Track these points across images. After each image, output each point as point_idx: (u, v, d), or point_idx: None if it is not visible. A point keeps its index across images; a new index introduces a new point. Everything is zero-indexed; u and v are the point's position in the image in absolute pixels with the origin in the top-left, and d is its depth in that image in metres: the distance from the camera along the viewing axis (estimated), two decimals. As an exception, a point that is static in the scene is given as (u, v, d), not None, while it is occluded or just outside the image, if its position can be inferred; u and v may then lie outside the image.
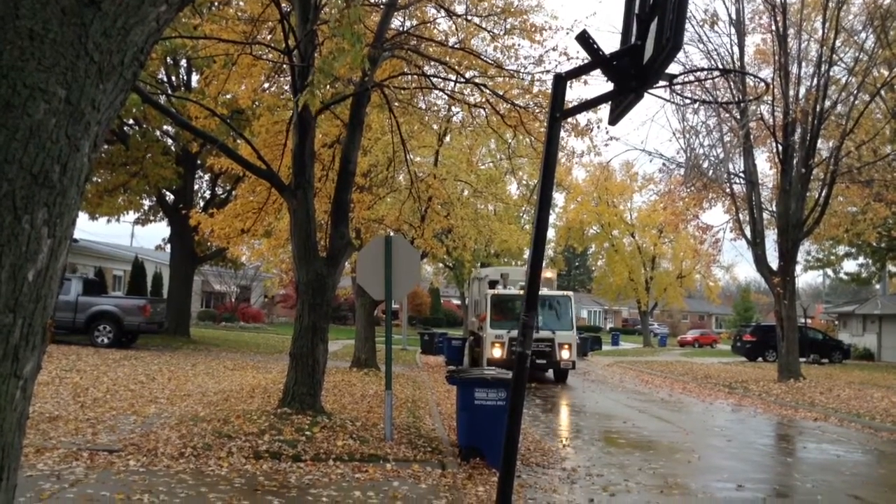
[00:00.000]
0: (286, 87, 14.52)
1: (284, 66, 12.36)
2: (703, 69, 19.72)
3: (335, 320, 48.37)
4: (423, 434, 11.08)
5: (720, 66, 22.63)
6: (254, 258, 27.19)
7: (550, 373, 23.68)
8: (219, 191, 32.11)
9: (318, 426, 10.16)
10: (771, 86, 22.21)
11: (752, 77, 21.99)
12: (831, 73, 22.97)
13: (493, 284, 23.54)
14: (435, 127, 20.38)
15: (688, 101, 17.52)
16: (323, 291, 11.30)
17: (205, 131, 12.87)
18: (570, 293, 23.60)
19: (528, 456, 10.48)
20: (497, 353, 21.28)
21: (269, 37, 13.24)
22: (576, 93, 32.95)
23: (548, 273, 24.92)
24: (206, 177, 31.75)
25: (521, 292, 20.65)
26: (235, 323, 46.92)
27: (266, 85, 15.81)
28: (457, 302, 71.44)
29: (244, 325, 46.72)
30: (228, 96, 17.14)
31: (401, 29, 13.82)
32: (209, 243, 26.77)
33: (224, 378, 17.08)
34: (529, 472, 9.45)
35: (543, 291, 21.67)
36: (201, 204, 29.99)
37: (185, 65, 27.59)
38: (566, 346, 21.82)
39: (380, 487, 7.85)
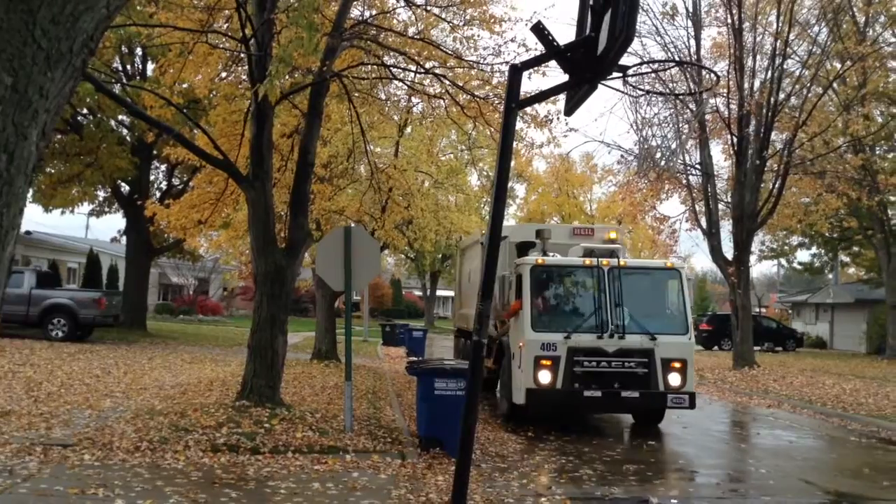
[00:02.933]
0: (244, 77, 14.35)
1: (242, 55, 12.21)
2: (655, 61, 19.95)
3: (296, 312, 48.01)
4: (384, 425, 11.10)
5: (677, 59, 22.92)
6: (212, 250, 26.92)
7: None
8: (175, 181, 31.60)
9: (277, 418, 10.12)
10: (721, 78, 22.53)
11: (703, 69, 22.28)
12: (785, 66, 23.41)
13: (524, 248, 14.17)
14: (395, 118, 20.31)
15: (641, 92, 17.66)
16: (282, 283, 11.23)
17: (160, 121, 12.67)
18: (681, 264, 13.89)
19: (488, 445, 10.55)
20: (545, 377, 11.70)
21: (225, 25, 13.06)
22: (535, 84, 33.11)
23: (611, 234, 14.41)
24: (163, 167, 31.22)
25: (588, 262, 12.44)
26: (194, 316, 46.33)
27: (223, 74, 15.62)
28: (418, 293, 71.47)
29: (203, 318, 46.16)
30: (185, 85, 16.86)
31: (360, 18, 13.74)
32: (166, 235, 26.41)
33: (181, 371, 16.89)
34: (488, 462, 9.52)
35: (630, 261, 13.50)
36: (157, 195, 29.49)
37: (141, 53, 27.08)
38: (676, 366, 11.96)
39: (339, 478, 7.85)
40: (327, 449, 9.11)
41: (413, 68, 13.69)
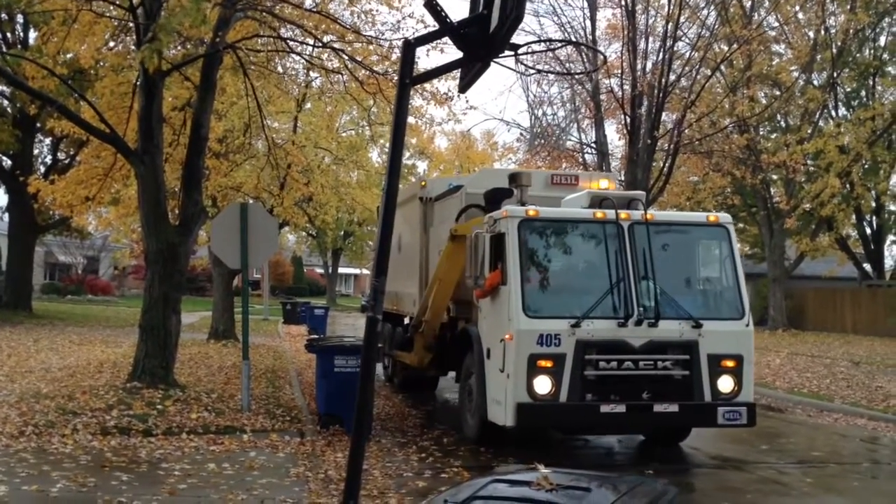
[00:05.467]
0: (132, 47, 13.78)
1: (130, 24, 11.72)
2: (548, 40, 20.29)
3: (192, 291, 46.71)
4: (283, 404, 11.01)
5: (573, 39, 23.36)
6: (101, 227, 25.93)
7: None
8: (61, 156, 30.25)
9: (171, 399, 9.90)
10: (611, 59, 23.10)
11: (592, 49, 22.80)
12: (676, 49, 24.18)
13: (493, 200, 9.85)
14: (293, 92, 19.95)
15: (532, 71, 17.88)
16: (175, 260, 10.95)
17: (42, 92, 12.07)
18: (727, 217, 9.43)
19: (388, 421, 10.62)
20: (544, 384, 8.17)
21: (112, -8, 12.49)
22: (433, 61, 33.11)
23: (601, 182, 10.11)
24: (47, 141, 29.83)
25: (601, 216, 8.57)
26: (83, 296, 44.53)
27: (111, 44, 14.96)
28: (320, 271, 70.75)
29: (92, 298, 44.40)
30: (69, 55, 16.08)
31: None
32: (52, 212, 25.26)
33: (69, 353, 16.27)
34: (388, 437, 9.59)
35: (659, 214, 9.82)
36: (42, 170, 28.18)
37: (22, 21, 25.68)
38: (729, 364, 8.77)
39: (235, 459, 7.75)
40: (224, 429, 8.98)
41: (310, 42, 13.46)
